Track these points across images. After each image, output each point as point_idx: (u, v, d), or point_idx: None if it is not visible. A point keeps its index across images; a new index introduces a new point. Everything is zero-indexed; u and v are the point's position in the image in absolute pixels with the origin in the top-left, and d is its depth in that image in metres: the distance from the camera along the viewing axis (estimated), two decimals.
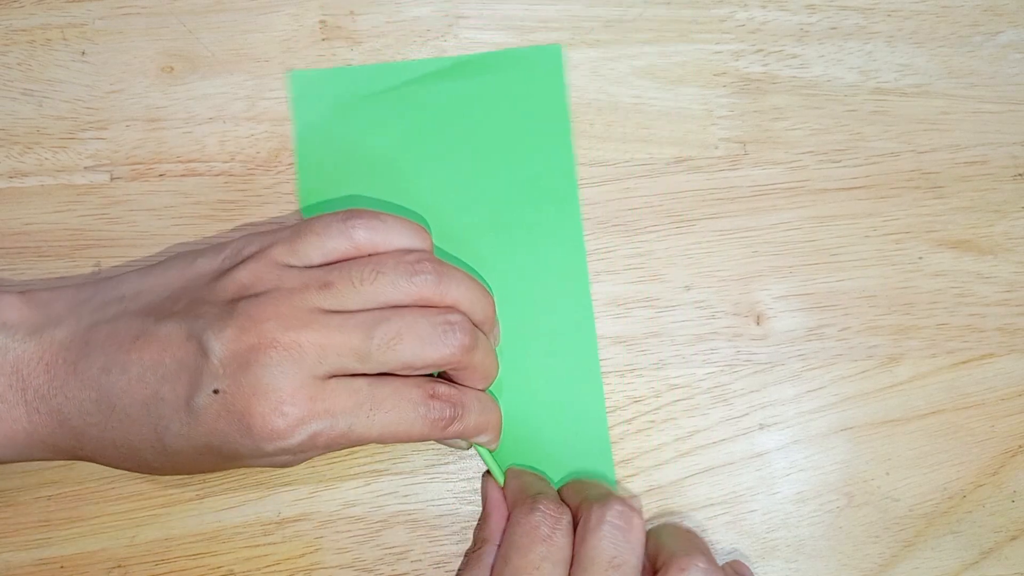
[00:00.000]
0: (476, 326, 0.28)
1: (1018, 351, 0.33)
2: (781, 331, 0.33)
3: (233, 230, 0.33)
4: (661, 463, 0.33)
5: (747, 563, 0.32)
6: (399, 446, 0.32)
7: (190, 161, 0.33)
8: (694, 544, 0.29)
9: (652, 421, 0.33)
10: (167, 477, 0.31)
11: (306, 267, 0.27)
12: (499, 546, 0.28)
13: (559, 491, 0.31)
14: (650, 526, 0.32)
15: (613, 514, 0.27)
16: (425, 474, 0.32)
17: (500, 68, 0.34)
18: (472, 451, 0.32)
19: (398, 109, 0.33)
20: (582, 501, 0.29)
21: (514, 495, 0.30)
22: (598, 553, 0.26)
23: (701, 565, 0.27)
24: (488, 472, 0.32)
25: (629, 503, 0.28)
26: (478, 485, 0.32)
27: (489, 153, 0.33)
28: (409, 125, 0.33)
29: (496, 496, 0.30)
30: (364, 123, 0.33)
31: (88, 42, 0.34)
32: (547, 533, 0.27)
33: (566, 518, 0.28)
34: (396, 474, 0.32)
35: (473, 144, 0.33)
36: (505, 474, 0.31)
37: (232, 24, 0.34)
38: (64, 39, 0.34)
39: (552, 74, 0.34)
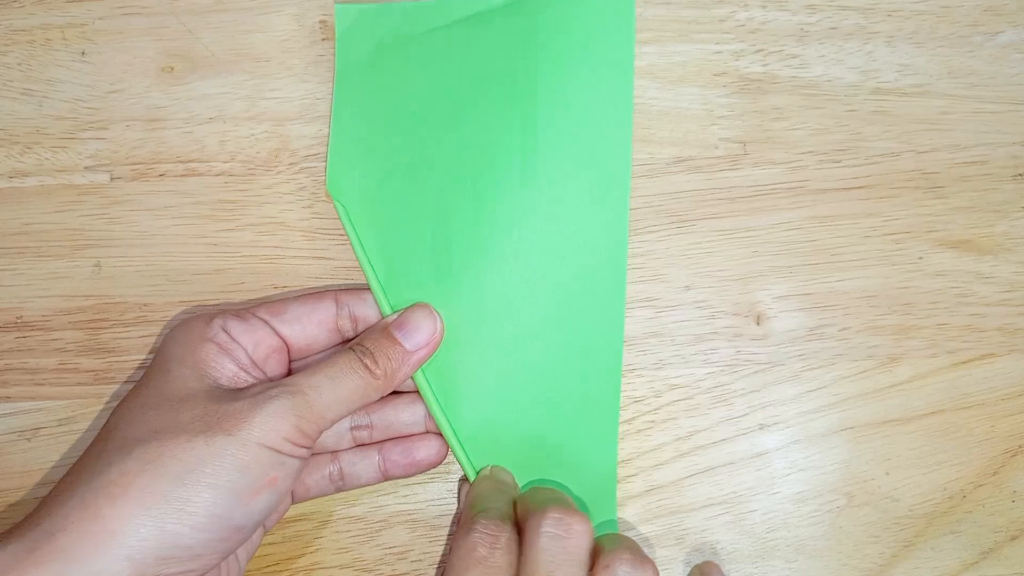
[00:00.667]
0: None
1: (1018, 351, 0.33)
2: (781, 331, 0.33)
3: (233, 231, 0.33)
4: (661, 463, 0.33)
5: (728, 563, 0.32)
6: None
7: (190, 161, 0.33)
8: (621, 542, 0.28)
9: (652, 421, 0.33)
10: None
11: None
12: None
13: (516, 500, 0.29)
14: (650, 528, 0.32)
15: (549, 523, 0.26)
16: (425, 474, 0.32)
17: (560, 9, 0.30)
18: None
19: (444, 49, 0.31)
20: (524, 511, 0.28)
21: (463, 512, 0.29)
22: (534, 568, 0.26)
23: (625, 556, 0.27)
24: (464, 477, 0.32)
25: (567, 511, 0.27)
26: None
27: (541, 103, 0.31)
28: (455, 67, 0.31)
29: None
30: (408, 64, 0.31)
31: (88, 42, 0.34)
32: (484, 554, 0.26)
33: (505, 535, 0.27)
34: None
35: (524, 91, 0.31)
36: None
37: (232, 24, 0.34)
38: (64, 39, 0.34)
39: (621, 25, 0.30)
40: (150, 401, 0.27)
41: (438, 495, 0.32)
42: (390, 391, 0.30)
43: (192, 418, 0.26)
